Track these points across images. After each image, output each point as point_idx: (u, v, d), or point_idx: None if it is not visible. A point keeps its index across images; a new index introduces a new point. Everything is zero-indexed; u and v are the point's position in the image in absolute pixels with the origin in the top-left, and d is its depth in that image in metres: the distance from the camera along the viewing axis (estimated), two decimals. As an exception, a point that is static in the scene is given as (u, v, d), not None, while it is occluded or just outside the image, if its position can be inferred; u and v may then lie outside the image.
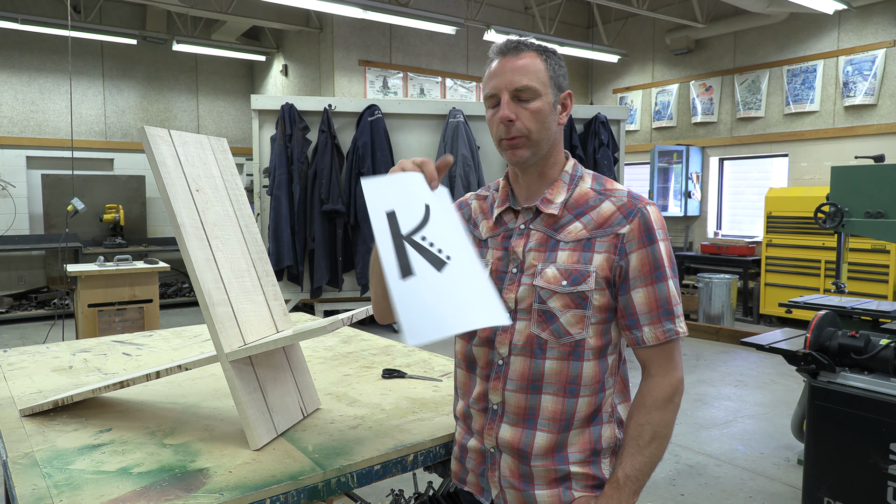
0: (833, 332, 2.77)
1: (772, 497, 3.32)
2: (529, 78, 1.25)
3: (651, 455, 1.25)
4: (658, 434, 1.25)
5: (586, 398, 1.27)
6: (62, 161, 8.65)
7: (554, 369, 1.26)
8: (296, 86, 9.35)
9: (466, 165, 5.73)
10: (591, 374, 1.27)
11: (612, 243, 1.25)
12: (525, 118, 1.27)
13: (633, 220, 1.25)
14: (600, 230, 1.26)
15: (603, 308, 1.26)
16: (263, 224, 5.67)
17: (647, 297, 1.24)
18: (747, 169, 9.03)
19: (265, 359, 1.56)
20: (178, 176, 1.50)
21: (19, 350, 2.35)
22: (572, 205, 1.30)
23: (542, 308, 1.26)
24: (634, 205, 1.27)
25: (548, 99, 1.27)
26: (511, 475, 1.31)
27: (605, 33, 10.01)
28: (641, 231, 1.24)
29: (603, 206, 1.28)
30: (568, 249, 1.26)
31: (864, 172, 3.26)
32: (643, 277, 1.24)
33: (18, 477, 1.29)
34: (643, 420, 1.25)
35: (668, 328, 1.25)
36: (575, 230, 1.27)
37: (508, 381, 1.29)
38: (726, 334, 6.80)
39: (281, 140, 5.54)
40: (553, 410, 1.27)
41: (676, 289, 1.28)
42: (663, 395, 1.25)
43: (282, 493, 1.26)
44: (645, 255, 1.24)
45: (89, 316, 5.05)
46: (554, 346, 1.26)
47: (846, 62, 7.59)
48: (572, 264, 1.25)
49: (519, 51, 1.27)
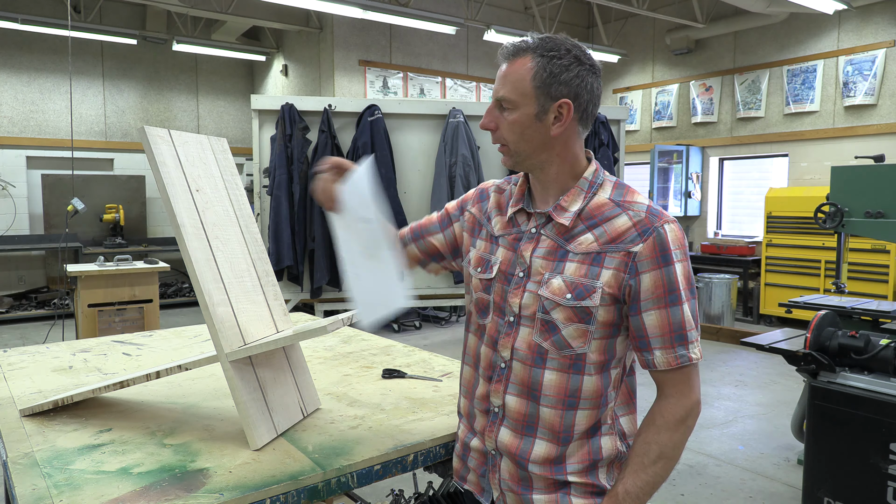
0: (833, 332, 2.77)
1: (772, 497, 3.32)
2: (508, 89, 1.22)
3: (654, 475, 1.21)
4: (665, 455, 1.21)
5: (586, 411, 1.25)
6: (62, 161, 8.65)
7: (553, 381, 1.24)
8: (296, 86, 9.36)
9: (466, 165, 5.73)
10: (592, 389, 1.24)
11: (623, 261, 1.19)
12: (503, 128, 1.26)
13: (647, 238, 1.18)
14: (612, 245, 1.20)
15: (607, 324, 1.22)
16: (263, 224, 5.68)
17: (659, 321, 1.19)
18: (747, 169, 9.03)
19: (265, 359, 1.56)
20: (178, 176, 1.50)
21: (19, 350, 2.35)
22: (587, 215, 1.24)
23: (546, 318, 1.23)
24: (652, 222, 1.19)
25: (527, 110, 1.21)
26: (510, 479, 1.30)
27: (605, 33, 10.02)
28: (656, 251, 1.18)
29: (618, 220, 1.21)
30: (577, 262, 1.21)
31: (864, 172, 3.26)
32: (656, 300, 1.18)
33: (18, 477, 1.29)
34: (651, 439, 1.22)
35: (680, 354, 1.19)
36: (586, 242, 1.22)
37: (510, 385, 1.29)
38: (726, 334, 6.80)
39: (281, 140, 5.54)
40: (552, 422, 1.25)
41: (693, 312, 1.21)
42: (675, 417, 1.21)
43: (282, 493, 1.26)
44: (659, 276, 1.18)
45: (89, 316, 5.05)
46: (555, 356, 1.23)
47: (846, 62, 7.58)
48: (579, 277, 1.21)
49: (515, 56, 1.23)
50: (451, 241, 1.49)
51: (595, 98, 1.25)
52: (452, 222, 1.48)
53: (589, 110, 1.25)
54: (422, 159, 5.98)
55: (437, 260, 1.52)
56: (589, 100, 1.24)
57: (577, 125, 1.25)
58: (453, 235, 1.48)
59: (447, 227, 1.49)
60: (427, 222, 1.53)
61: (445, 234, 1.49)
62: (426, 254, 1.52)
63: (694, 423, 1.23)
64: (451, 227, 1.48)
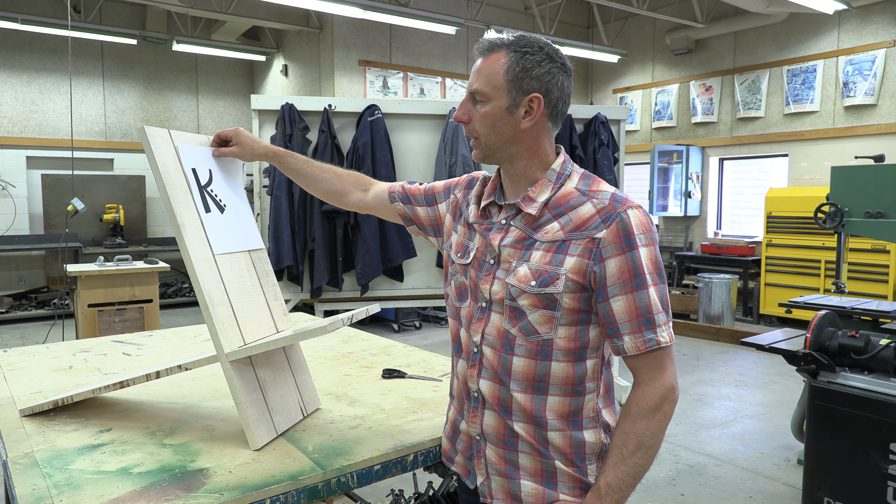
0: (833, 332, 2.77)
1: (772, 497, 3.32)
2: (481, 82, 1.26)
3: (635, 465, 1.21)
4: (643, 444, 1.21)
5: (556, 397, 1.26)
6: (62, 161, 8.65)
7: (521, 366, 1.26)
8: (296, 86, 9.35)
9: (466, 165, 5.72)
10: (560, 375, 1.25)
11: (587, 247, 1.21)
12: (476, 120, 1.29)
13: (610, 224, 1.20)
14: (577, 232, 1.22)
15: (574, 311, 1.23)
16: (263, 224, 5.67)
17: (626, 306, 1.19)
18: (747, 169, 9.03)
19: (265, 359, 1.56)
20: (178, 176, 1.50)
21: (19, 350, 2.34)
22: (553, 204, 1.27)
23: (513, 305, 1.26)
24: (615, 208, 1.21)
25: (500, 103, 1.25)
26: (497, 461, 1.32)
27: (605, 33, 10.01)
28: (620, 237, 1.19)
29: (582, 208, 1.24)
30: (542, 250, 1.24)
31: (864, 172, 3.26)
32: (622, 285, 1.19)
33: (18, 477, 1.29)
34: (628, 429, 1.22)
35: (648, 338, 1.20)
36: (552, 230, 1.25)
37: (483, 369, 1.31)
38: (726, 334, 6.80)
39: (281, 140, 5.54)
40: (524, 406, 1.27)
41: (661, 296, 1.21)
42: (649, 403, 1.21)
43: (282, 493, 1.26)
44: (623, 261, 1.19)
45: (89, 316, 5.05)
46: (522, 342, 1.26)
47: (846, 62, 7.59)
48: (544, 265, 1.23)
49: (490, 51, 1.27)
50: (434, 219, 1.54)
51: (565, 96, 1.29)
52: (437, 202, 1.53)
53: (559, 108, 1.29)
54: (422, 159, 5.97)
55: (417, 226, 1.58)
56: (559, 97, 1.28)
57: (546, 121, 1.29)
58: (437, 214, 1.53)
59: (431, 205, 1.54)
60: (416, 191, 1.57)
61: (429, 210, 1.54)
62: (410, 218, 1.58)
63: (671, 409, 1.23)
64: (436, 207, 1.53)
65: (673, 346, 1.24)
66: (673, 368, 1.24)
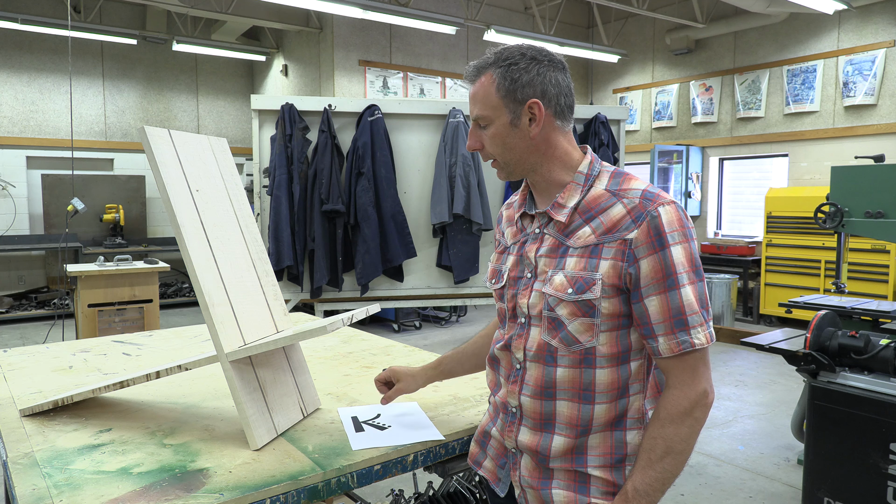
0: (833, 332, 2.77)
1: (772, 497, 3.32)
2: (479, 106, 1.27)
3: (663, 471, 1.18)
4: (672, 449, 1.17)
5: (604, 405, 1.24)
6: (62, 161, 8.65)
7: (566, 377, 1.24)
8: (296, 86, 9.35)
9: (466, 165, 5.73)
10: (606, 381, 1.23)
11: (620, 249, 1.19)
12: (488, 144, 1.30)
13: (641, 224, 1.18)
14: (609, 235, 1.20)
15: (613, 315, 1.21)
16: (263, 224, 5.67)
17: (659, 307, 1.17)
18: (747, 169, 9.03)
19: (265, 359, 1.56)
20: (178, 176, 1.50)
21: (19, 350, 2.35)
22: (584, 208, 1.25)
23: (551, 315, 1.24)
24: (645, 207, 1.19)
25: (502, 120, 1.26)
26: (530, 475, 1.31)
27: (605, 33, 10.01)
28: (651, 236, 1.17)
29: (613, 209, 1.21)
30: (576, 256, 1.22)
31: (864, 172, 3.26)
32: (656, 285, 1.17)
33: (18, 477, 1.29)
34: (656, 433, 1.19)
35: (682, 339, 1.17)
36: (584, 235, 1.23)
37: (524, 385, 1.29)
38: (726, 334, 6.80)
39: (281, 140, 5.54)
40: (569, 416, 1.25)
41: (698, 295, 1.18)
42: (679, 408, 1.18)
43: (282, 493, 1.26)
44: (656, 261, 1.17)
45: (89, 316, 5.05)
46: (564, 353, 1.24)
47: (846, 62, 7.58)
48: (579, 271, 1.21)
49: (477, 75, 1.28)
50: None
51: (564, 90, 1.27)
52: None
53: (562, 103, 1.27)
54: (422, 159, 5.98)
55: None
56: (558, 93, 1.26)
57: (554, 120, 1.27)
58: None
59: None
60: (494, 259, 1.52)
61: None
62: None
63: (704, 414, 1.19)
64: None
65: (708, 349, 1.20)
66: (707, 372, 1.20)
